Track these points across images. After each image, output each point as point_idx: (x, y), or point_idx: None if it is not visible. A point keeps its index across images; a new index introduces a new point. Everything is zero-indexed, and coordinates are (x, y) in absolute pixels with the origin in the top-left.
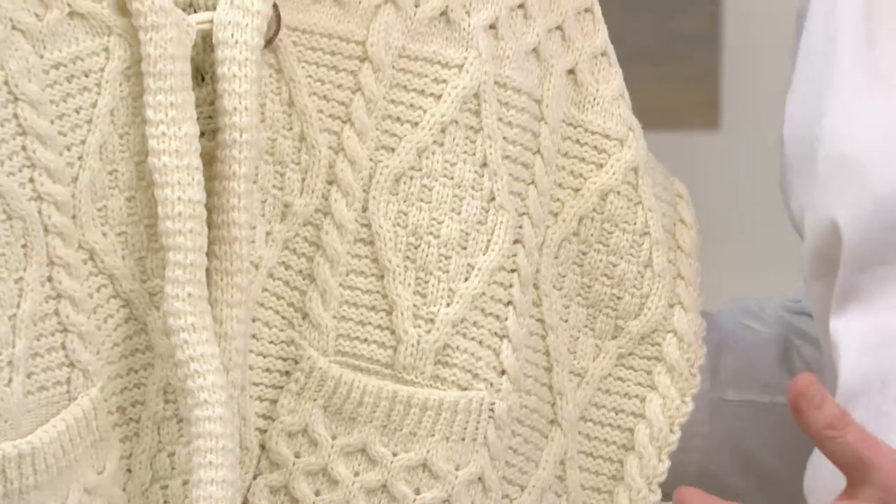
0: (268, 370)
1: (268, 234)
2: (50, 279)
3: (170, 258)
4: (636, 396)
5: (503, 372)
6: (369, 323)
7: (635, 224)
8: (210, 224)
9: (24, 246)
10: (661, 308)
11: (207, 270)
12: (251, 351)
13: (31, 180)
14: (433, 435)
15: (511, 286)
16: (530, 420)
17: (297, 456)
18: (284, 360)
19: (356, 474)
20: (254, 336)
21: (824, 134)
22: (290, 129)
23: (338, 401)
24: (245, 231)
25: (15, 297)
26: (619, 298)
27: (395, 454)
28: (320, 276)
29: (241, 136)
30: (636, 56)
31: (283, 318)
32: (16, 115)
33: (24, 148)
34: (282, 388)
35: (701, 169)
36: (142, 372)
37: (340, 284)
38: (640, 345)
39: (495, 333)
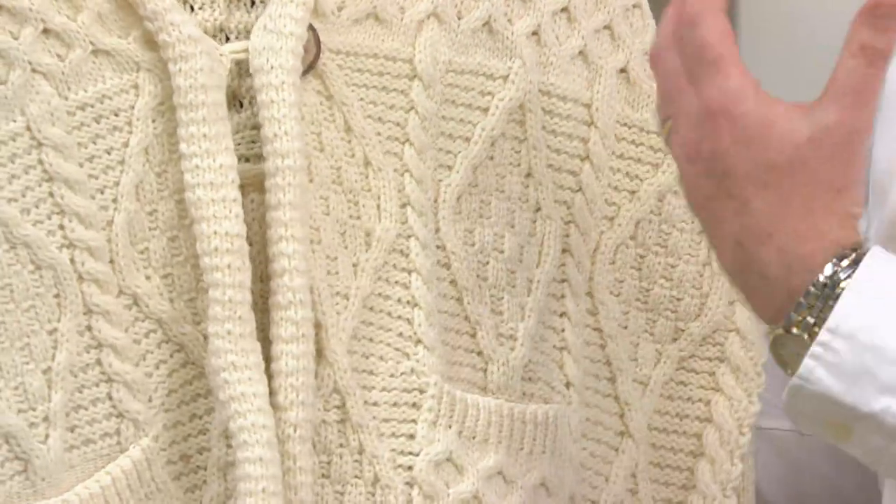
0: (395, 405)
1: (354, 265)
2: (89, 328)
3: (210, 295)
4: (700, 400)
5: (568, 384)
6: (459, 346)
7: (693, 223)
8: (266, 258)
9: (56, 296)
10: (721, 307)
11: (267, 306)
12: (373, 388)
13: (62, 227)
14: (544, 452)
15: (563, 296)
16: (594, 433)
17: (447, 486)
18: (409, 391)
19: (501, 498)
20: (371, 372)
21: None
22: (353, 155)
23: (470, 423)
24: (296, 262)
25: (49, 349)
26: (678, 300)
27: (523, 475)
28: (423, 298)
29: (282, 162)
30: None
31: (396, 349)
32: (40, 161)
33: (51, 194)
34: (414, 421)
35: None
36: (206, 417)
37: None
38: (702, 346)
39: (555, 346)
